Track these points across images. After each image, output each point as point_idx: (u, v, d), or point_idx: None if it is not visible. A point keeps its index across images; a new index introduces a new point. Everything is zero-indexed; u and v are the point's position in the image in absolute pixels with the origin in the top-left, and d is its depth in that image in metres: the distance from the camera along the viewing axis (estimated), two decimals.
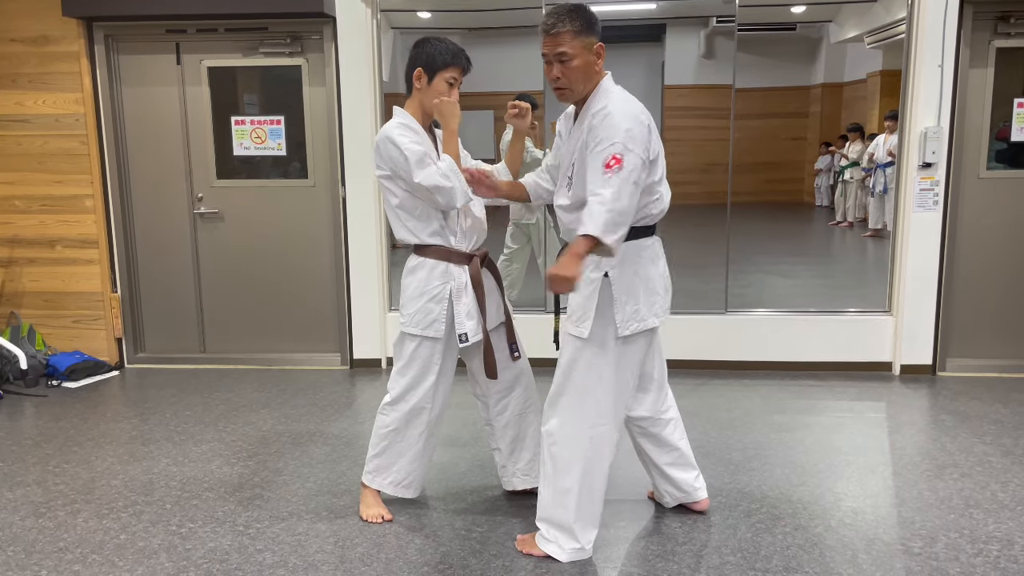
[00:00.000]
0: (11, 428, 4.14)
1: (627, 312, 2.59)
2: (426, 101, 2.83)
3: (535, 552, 2.73)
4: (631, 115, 2.49)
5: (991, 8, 4.56)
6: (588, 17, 2.55)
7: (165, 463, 3.63)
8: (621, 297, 2.58)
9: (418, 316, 2.86)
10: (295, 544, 2.85)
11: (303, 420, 4.17)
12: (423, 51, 2.81)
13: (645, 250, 2.65)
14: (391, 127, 2.79)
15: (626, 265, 2.59)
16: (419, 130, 2.83)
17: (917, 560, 2.69)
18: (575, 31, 2.52)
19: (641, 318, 2.61)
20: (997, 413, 4.15)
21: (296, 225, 5.12)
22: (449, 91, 2.81)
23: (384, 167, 2.80)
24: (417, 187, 2.72)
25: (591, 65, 2.56)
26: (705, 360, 4.93)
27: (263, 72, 5.11)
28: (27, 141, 5.01)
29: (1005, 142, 4.77)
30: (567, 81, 2.57)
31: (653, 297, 2.65)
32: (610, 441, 2.68)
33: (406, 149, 2.71)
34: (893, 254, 4.88)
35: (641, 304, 2.61)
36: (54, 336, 5.21)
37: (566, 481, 2.65)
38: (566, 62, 2.54)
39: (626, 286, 2.59)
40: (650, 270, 2.65)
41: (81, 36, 4.89)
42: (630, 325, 2.59)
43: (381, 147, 2.77)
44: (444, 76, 2.80)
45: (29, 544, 2.89)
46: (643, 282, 2.62)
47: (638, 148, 2.45)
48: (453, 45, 2.82)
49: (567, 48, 2.52)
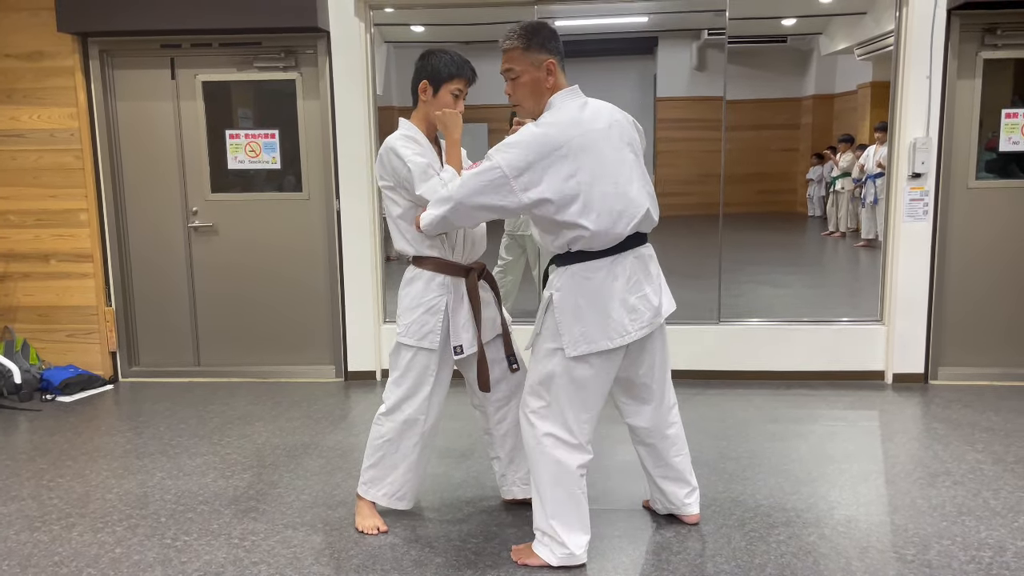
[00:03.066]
0: (5, 442, 4.14)
1: (574, 334, 2.57)
2: (431, 113, 2.86)
3: (531, 561, 2.74)
4: (538, 135, 2.49)
5: (978, 20, 4.61)
6: (539, 34, 2.59)
7: (160, 476, 3.62)
8: (564, 319, 2.58)
9: (414, 327, 2.87)
10: (291, 557, 2.85)
11: (298, 432, 4.18)
12: (428, 63, 2.83)
13: (596, 272, 2.58)
14: (395, 138, 2.81)
15: (570, 288, 2.59)
16: (423, 141, 2.85)
17: (910, 567, 2.70)
18: (523, 47, 2.58)
19: (591, 340, 2.57)
20: (989, 421, 4.17)
21: (291, 238, 5.14)
22: (455, 103, 2.84)
23: (387, 178, 2.81)
24: (419, 198, 2.73)
25: (539, 82, 2.60)
26: (698, 370, 4.95)
27: (257, 86, 5.14)
28: (22, 156, 5.02)
29: (994, 152, 4.82)
30: (517, 98, 2.64)
31: (605, 320, 2.57)
32: (574, 451, 2.66)
33: (409, 161, 2.72)
34: (884, 264, 4.91)
35: (590, 326, 2.57)
36: (48, 350, 5.20)
37: (540, 488, 2.69)
38: (515, 79, 2.60)
39: (570, 309, 2.58)
40: (600, 292, 2.58)
41: (76, 51, 4.91)
42: (579, 346, 2.58)
43: (384, 158, 2.79)
44: (449, 88, 2.82)
45: (24, 558, 2.89)
46: (590, 304, 2.58)
47: (504, 161, 2.46)
48: (458, 57, 2.84)
49: (514, 65, 2.59)
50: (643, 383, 2.82)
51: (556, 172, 2.48)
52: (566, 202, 2.49)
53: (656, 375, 2.83)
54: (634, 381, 2.80)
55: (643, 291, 2.64)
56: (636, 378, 2.80)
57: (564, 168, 2.48)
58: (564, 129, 2.51)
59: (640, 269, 2.65)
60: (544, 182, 2.48)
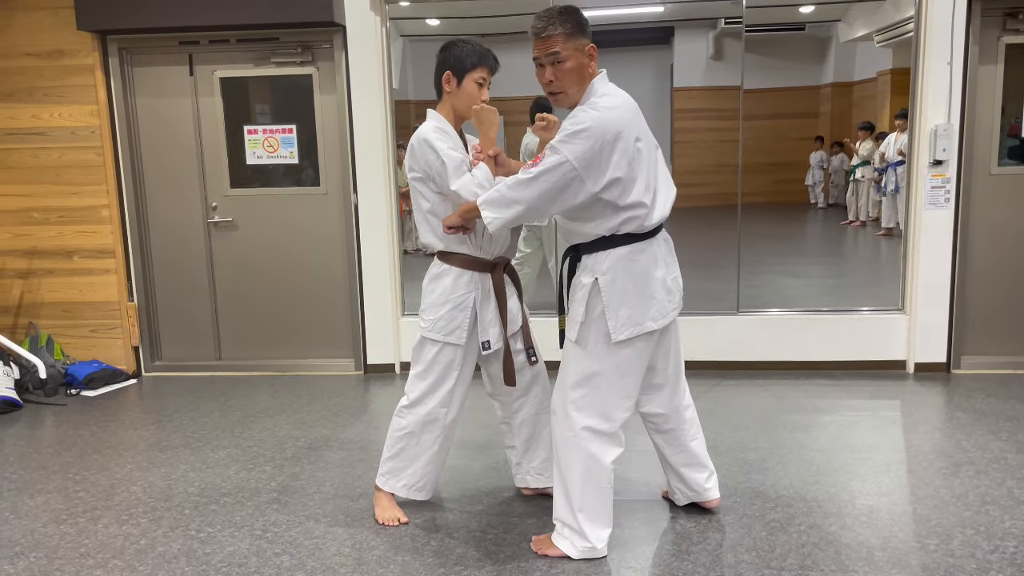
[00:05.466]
0: (31, 437, 4.20)
1: (620, 317, 2.58)
2: (457, 104, 2.84)
3: (551, 552, 2.75)
4: (602, 120, 2.45)
5: (1000, 4, 4.55)
6: (578, 19, 2.55)
7: (183, 469, 3.66)
8: (612, 303, 2.58)
9: (441, 323, 2.87)
10: (313, 547, 2.88)
11: (318, 425, 4.21)
12: (451, 54, 2.82)
13: (641, 254, 2.60)
14: (428, 130, 2.78)
15: (616, 271, 2.59)
16: (454, 134, 2.84)
17: (933, 557, 2.69)
18: (567, 33, 2.52)
19: (636, 322, 2.59)
20: (1013, 410, 4.13)
21: (309, 232, 5.16)
22: (479, 92, 2.82)
23: (418, 169, 2.80)
24: (453, 194, 2.72)
25: (584, 67, 2.56)
26: (718, 361, 4.94)
27: (274, 81, 5.16)
28: (44, 154, 5.07)
29: (1016, 139, 4.76)
30: (560, 84, 2.55)
31: (649, 301, 2.61)
32: (610, 441, 2.68)
33: (444, 155, 2.71)
34: (905, 252, 4.87)
35: (636, 309, 2.59)
36: (72, 346, 5.27)
37: (568, 480, 2.68)
38: (559, 64, 2.53)
39: (617, 292, 2.58)
40: (646, 274, 2.61)
41: (96, 49, 4.96)
42: (624, 330, 2.58)
43: (417, 149, 2.78)
44: (473, 77, 2.81)
45: (51, 550, 2.93)
46: (636, 287, 2.60)
47: (572, 155, 2.43)
48: (480, 46, 2.83)
49: (559, 48, 2.51)
50: (661, 367, 2.83)
51: (623, 154, 2.48)
52: (631, 182, 2.51)
53: (672, 358, 2.85)
54: (654, 366, 2.81)
55: (675, 272, 2.73)
56: (655, 362, 2.80)
57: (629, 149, 2.49)
58: (623, 112, 2.51)
59: (669, 252, 2.73)
60: (612, 166, 2.47)
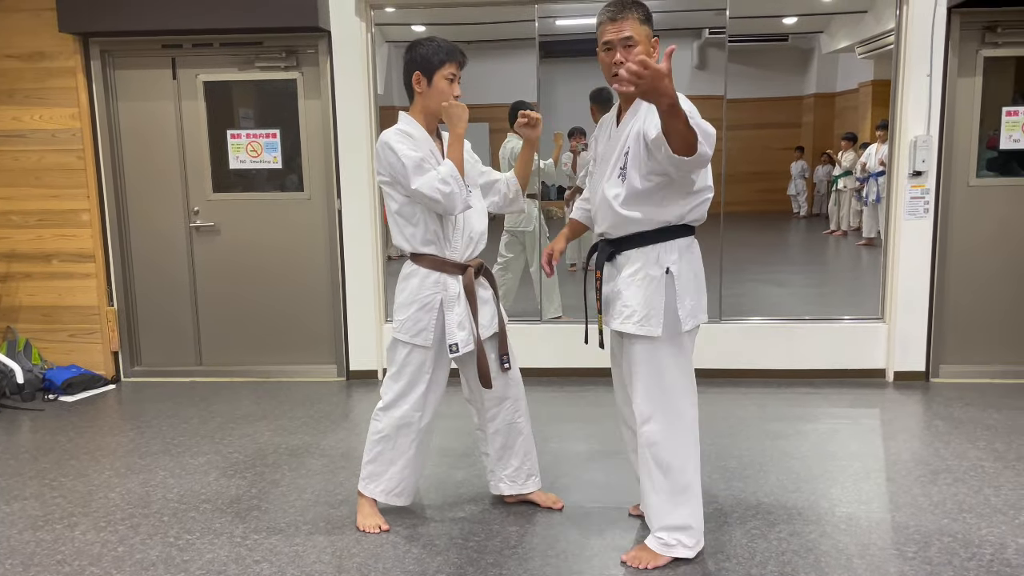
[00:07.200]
0: (8, 442, 4.15)
1: (687, 308, 2.62)
2: (429, 103, 2.84)
3: (659, 563, 2.69)
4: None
5: (978, 18, 4.61)
6: (648, 11, 2.59)
7: (162, 476, 3.63)
8: (683, 293, 2.61)
9: (408, 324, 2.88)
10: (293, 555, 2.86)
11: (300, 432, 4.18)
12: (417, 53, 2.82)
13: (696, 247, 2.71)
14: (390, 133, 2.81)
15: (685, 261, 2.63)
16: (420, 135, 2.84)
17: (911, 564, 2.71)
18: (640, 19, 2.56)
19: (695, 314, 2.65)
20: (990, 418, 4.17)
21: (292, 238, 5.14)
22: (450, 87, 2.83)
23: (384, 173, 2.82)
24: (415, 193, 2.74)
25: (650, 56, 2.56)
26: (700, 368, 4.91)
27: (258, 86, 5.14)
28: (24, 156, 5.03)
29: (995, 150, 4.82)
30: None
31: (703, 296, 2.72)
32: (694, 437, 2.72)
33: (403, 156, 2.73)
34: (885, 262, 4.92)
35: (696, 301, 2.66)
36: (51, 350, 5.22)
37: (684, 479, 2.66)
38: (630, 48, 2.53)
39: (687, 282, 2.63)
40: (701, 268, 2.72)
41: (77, 52, 4.92)
42: (689, 321, 2.63)
43: (380, 153, 2.79)
44: (442, 74, 2.81)
45: (27, 557, 2.89)
46: (696, 279, 2.68)
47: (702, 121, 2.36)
48: (444, 42, 2.83)
49: (632, 32, 2.53)
50: None
51: None
52: None
53: None
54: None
55: None
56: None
57: None
58: None
59: None
60: None
